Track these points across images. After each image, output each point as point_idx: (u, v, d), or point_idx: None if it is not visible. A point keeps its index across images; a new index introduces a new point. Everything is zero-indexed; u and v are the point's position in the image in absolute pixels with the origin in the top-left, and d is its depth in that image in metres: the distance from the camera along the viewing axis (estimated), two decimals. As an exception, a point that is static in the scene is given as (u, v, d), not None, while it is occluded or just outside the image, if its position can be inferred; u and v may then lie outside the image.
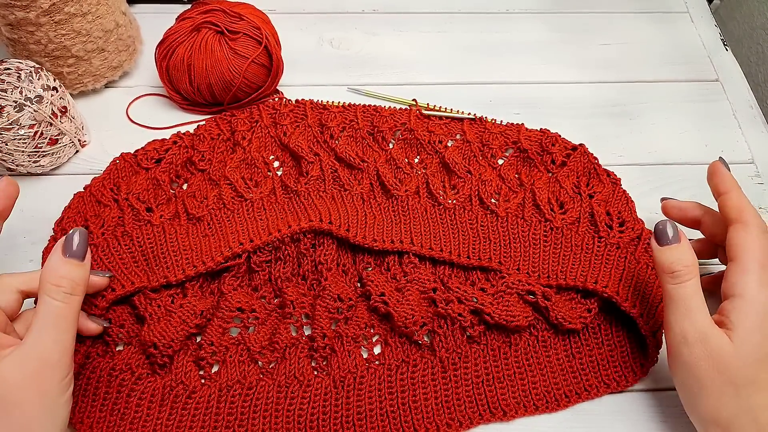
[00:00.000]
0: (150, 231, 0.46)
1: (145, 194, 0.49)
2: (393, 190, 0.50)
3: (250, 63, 0.52)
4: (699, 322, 0.36)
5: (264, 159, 0.52)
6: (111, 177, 0.50)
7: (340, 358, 0.43)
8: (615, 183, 0.51)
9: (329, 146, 0.53)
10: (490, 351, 0.44)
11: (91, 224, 0.46)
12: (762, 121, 0.59)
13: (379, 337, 0.45)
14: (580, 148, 0.52)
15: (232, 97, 0.54)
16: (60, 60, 0.52)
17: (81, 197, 0.49)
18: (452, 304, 0.44)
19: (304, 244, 0.46)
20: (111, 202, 0.48)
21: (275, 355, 0.43)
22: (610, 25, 0.67)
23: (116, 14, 0.54)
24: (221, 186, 0.49)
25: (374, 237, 0.46)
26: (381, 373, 0.43)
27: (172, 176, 0.51)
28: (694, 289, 0.37)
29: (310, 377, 0.42)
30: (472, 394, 0.42)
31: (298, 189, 0.50)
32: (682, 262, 0.37)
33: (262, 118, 0.55)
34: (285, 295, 0.45)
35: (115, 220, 0.47)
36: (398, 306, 0.44)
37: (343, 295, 0.44)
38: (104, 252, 0.45)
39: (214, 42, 0.52)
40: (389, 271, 0.47)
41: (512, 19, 0.67)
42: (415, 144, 0.54)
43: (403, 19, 0.66)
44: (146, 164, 0.51)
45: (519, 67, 0.62)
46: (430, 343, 0.44)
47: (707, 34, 0.66)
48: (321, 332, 0.43)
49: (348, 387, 0.42)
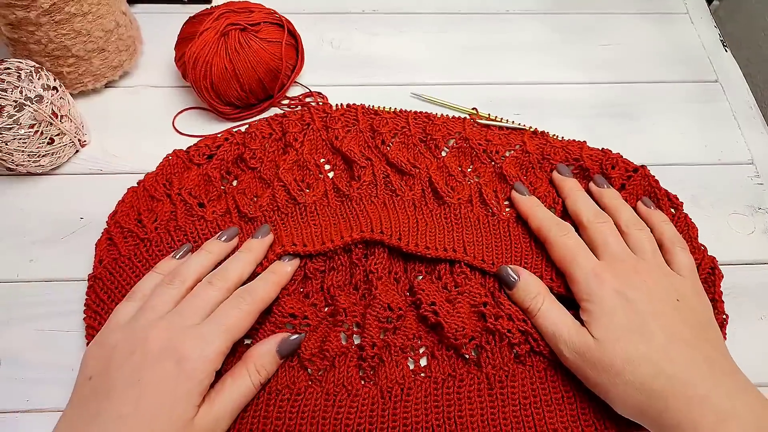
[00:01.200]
0: (204, 226, 0.47)
1: (197, 190, 0.50)
2: (445, 197, 0.49)
3: (284, 44, 0.53)
4: (565, 336, 0.40)
5: (316, 161, 0.52)
6: (163, 172, 0.51)
7: (388, 369, 0.42)
8: (676, 208, 0.49)
9: (380, 152, 0.53)
10: (536, 372, 0.42)
11: (144, 218, 0.47)
12: (761, 122, 0.59)
13: (426, 348, 0.44)
14: (641, 171, 0.51)
15: (280, 84, 0.54)
16: (60, 60, 0.52)
17: (134, 192, 0.49)
18: (502, 320, 0.43)
19: (356, 254, 0.46)
20: (164, 197, 0.49)
21: (324, 363, 0.42)
22: (610, 25, 0.67)
23: (116, 14, 0.54)
24: (274, 187, 0.50)
25: (427, 244, 0.46)
26: (427, 386, 0.42)
27: (223, 172, 0.52)
28: (550, 310, 0.41)
29: (358, 386, 0.42)
30: (519, 415, 0.41)
31: (350, 194, 0.49)
32: (528, 296, 0.42)
33: (314, 120, 0.54)
34: (337, 303, 0.44)
35: (168, 215, 0.48)
36: (449, 317, 0.43)
37: (393, 304, 0.44)
38: (158, 247, 0.46)
39: (245, 39, 0.52)
40: (440, 280, 0.46)
41: (512, 20, 0.67)
42: (469, 153, 0.53)
43: (403, 19, 0.67)
44: (198, 160, 0.52)
45: (519, 67, 0.62)
46: (477, 358, 0.43)
47: (707, 35, 0.66)
48: (371, 341, 0.42)
49: (395, 398, 0.41)
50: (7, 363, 0.43)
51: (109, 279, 0.45)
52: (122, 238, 0.47)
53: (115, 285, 0.44)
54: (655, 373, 0.36)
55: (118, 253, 0.46)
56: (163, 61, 0.60)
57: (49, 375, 0.43)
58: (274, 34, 0.53)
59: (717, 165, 0.55)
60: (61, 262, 0.47)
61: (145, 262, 0.45)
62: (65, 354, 0.43)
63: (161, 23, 0.61)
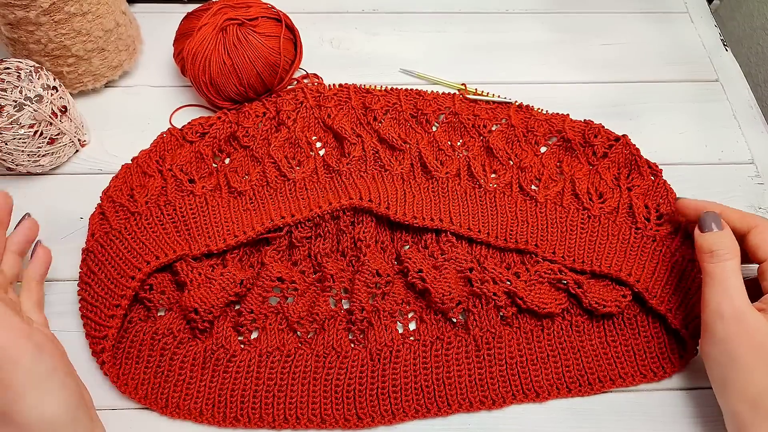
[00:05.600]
0: (192, 201, 0.48)
1: (188, 166, 0.51)
2: (434, 171, 0.51)
3: (281, 38, 0.53)
4: (736, 300, 0.38)
5: (307, 139, 0.53)
6: (157, 149, 0.52)
7: (377, 332, 0.44)
8: (656, 175, 0.51)
9: (372, 128, 0.54)
10: (523, 333, 0.45)
11: (136, 194, 0.49)
12: (762, 122, 0.59)
13: (415, 313, 0.46)
14: (622, 139, 0.52)
15: (279, 78, 0.55)
16: (60, 59, 0.52)
17: (128, 168, 0.51)
18: (487, 284, 0.45)
19: (344, 221, 0.47)
20: (155, 173, 0.50)
21: (314, 326, 0.44)
22: (610, 25, 0.67)
23: (116, 14, 0.54)
24: (265, 164, 0.51)
25: (414, 214, 0.47)
26: (416, 349, 0.44)
27: (215, 150, 0.53)
28: (732, 269, 0.39)
29: (347, 349, 0.44)
30: (506, 374, 0.43)
31: (339, 169, 0.51)
32: (721, 244, 0.40)
33: (307, 99, 0.56)
34: (325, 270, 0.46)
35: (158, 190, 0.49)
36: (435, 283, 0.45)
37: (381, 270, 0.45)
38: (147, 220, 0.47)
39: (243, 34, 0.52)
40: (427, 249, 0.47)
41: (512, 19, 0.67)
42: (459, 127, 0.55)
43: (403, 19, 0.66)
44: (191, 138, 0.53)
45: (519, 67, 0.62)
46: (465, 321, 0.45)
47: (707, 34, 0.66)
48: (359, 305, 0.44)
49: (384, 360, 0.43)
50: (6, 363, 0.43)
51: (100, 252, 0.46)
52: (114, 212, 0.48)
53: (106, 258, 0.45)
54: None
55: (110, 226, 0.47)
56: (163, 60, 0.60)
57: (49, 375, 0.43)
58: (272, 29, 0.54)
59: (717, 165, 0.55)
60: (61, 262, 0.47)
61: (134, 235, 0.46)
62: (65, 354, 0.43)
63: (161, 23, 0.61)
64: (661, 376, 0.43)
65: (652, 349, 0.44)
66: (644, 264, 0.45)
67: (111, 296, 0.44)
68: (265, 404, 0.41)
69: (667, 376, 0.43)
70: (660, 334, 0.44)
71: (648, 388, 0.44)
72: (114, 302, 0.43)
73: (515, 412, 0.43)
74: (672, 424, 0.42)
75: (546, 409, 0.43)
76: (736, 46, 0.66)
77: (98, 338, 0.43)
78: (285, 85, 0.56)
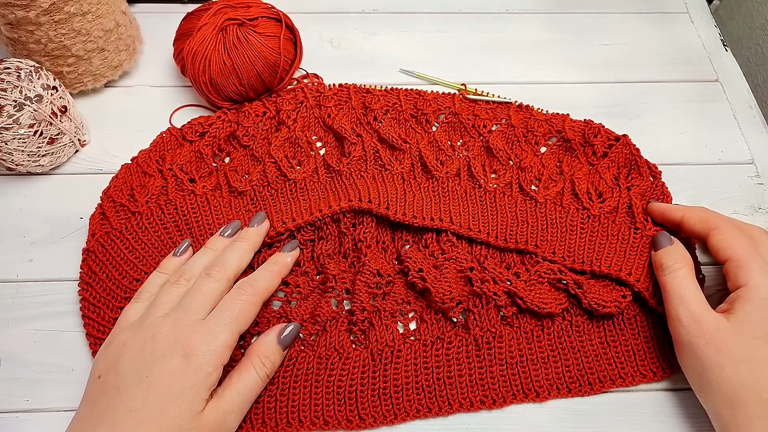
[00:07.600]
0: (194, 201, 0.48)
1: (188, 166, 0.51)
2: (434, 171, 0.51)
3: (281, 38, 0.53)
4: (692, 304, 0.39)
5: (308, 139, 0.53)
6: (157, 149, 0.52)
7: (378, 332, 0.44)
8: (655, 176, 0.51)
9: (372, 128, 0.54)
10: (523, 333, 0.45)
11: (137, 193, 0.49)
12: (762, 122, 0.59)
13: (415, 313, 0.46)
14: (622, 139, 0.52)
15: (279, 78, 0.55)
16: (60, 59, 0.52)
17: (127, 168, 0.51)
18: (488, 284, 0.45)
19: (344, 223, 0.47)
20: (155, 172, 0.50)
21: (316, 328, 0.44)
22: (610, 25, 0.67)
23: (116, 14, 0.54)
24: (265, 163, 0.51)
25: (414, 214, 0.47)
26: (417, 348, 0.44)
27: (215, 149, 0.53)
28: (684, 277, 0.41)
29: (349, 350, 0.44)
30: (506, 374, 0.43)
31: (339, 169, 0.51)
32: (670, 257, 0.42)
33: (307, 99, 0.56)
34: (327, 271, 0.46)
35: (159, 189, 0.49)
36: (436, 282, 0.45)
37: (381, 270, 0.45)
38: (148, 220, 0.47)
39: (243, 34, 0.52)
40: (427, 249, 0.47)
41: (512, 19, 0.67)
42: (459, 127, 0.55)
43: (403, 19, 0.66)
44: (191, 137, 0.53)
45: (519, 67, 0.62)
46: (465, 321, 0.45)
47: (707, 35, 0.66)
48: (360, 306, 0.44)
49: (385, 360, 0.43)
50: (6, 363, 0.43)
51: (101, 252, 0.46)
52: (114, 212, 0.48)
53: (107, 258, 0.45)
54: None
55: (110, 226, 0.47)
56: (163, 60, 0.60)
57: (49, 375, 0.43)
58: (272, 29, 0.54)
59: (717, 165, 0.55)
60: (61, 262, 0.47)
61: (135, 235, 0.46)
62: (65, 354, 0.44)
63: (161, 23, 0.61)
64: (661, 376, 0.43)
65: (652, 349, 0.44)
66: (644, 264, 0.45)
67: (112, 296, 0.44)
68: (268, 408, 0.41)
69: (667, 376, 0.43)
70: (660, 334, 0.44)
71: (648, 388, 0.44)
72: (115, 303, 0.43)
73: (515, 411, 0.43)
74: (672, 423, 0.42)
75: (546, 409, 0.43)
76: (735, 47, 0.66)
77: (99, 338, 0.43)
78: (285, 85, 0.56)
